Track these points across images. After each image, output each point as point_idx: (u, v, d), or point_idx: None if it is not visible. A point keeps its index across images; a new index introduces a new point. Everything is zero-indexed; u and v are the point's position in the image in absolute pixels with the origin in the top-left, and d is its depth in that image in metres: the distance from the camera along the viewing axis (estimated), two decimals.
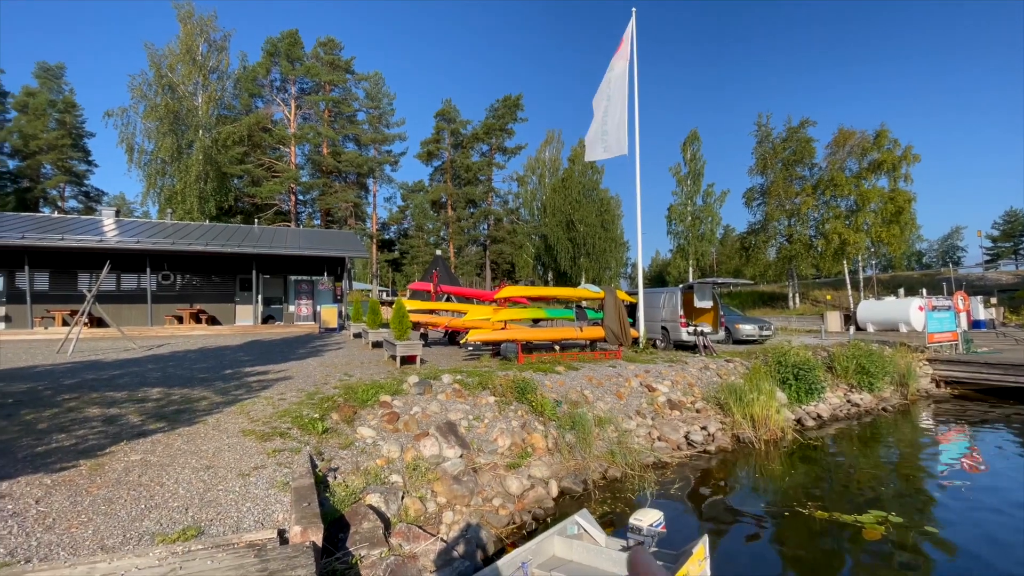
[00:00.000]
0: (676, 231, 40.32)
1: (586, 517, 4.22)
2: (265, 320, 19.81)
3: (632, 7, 13.61)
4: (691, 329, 13.11)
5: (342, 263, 20.37)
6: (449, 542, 4.27)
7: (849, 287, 33.10)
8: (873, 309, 21.26)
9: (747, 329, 15.38)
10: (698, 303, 13.92)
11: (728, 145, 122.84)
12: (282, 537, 3.22)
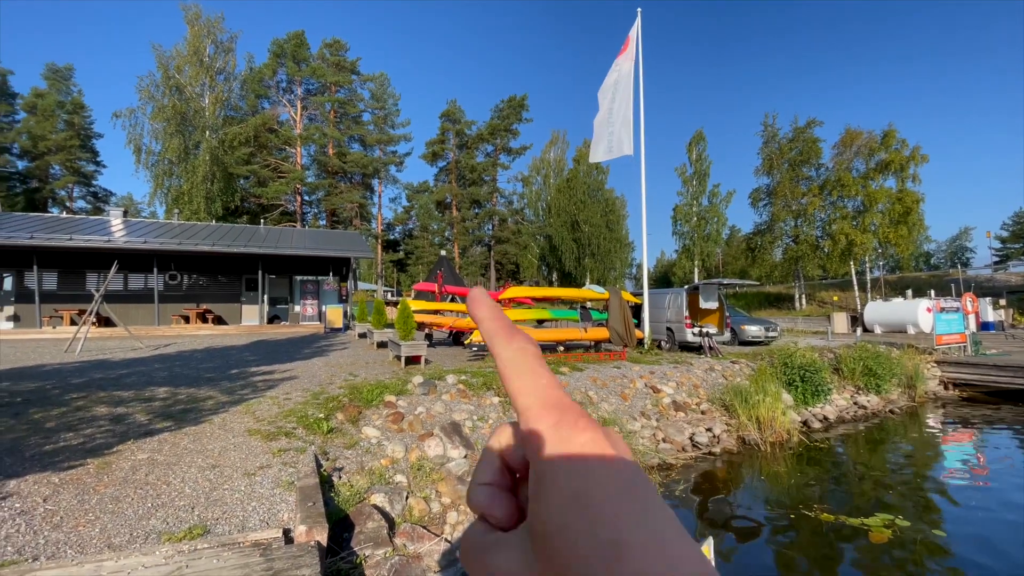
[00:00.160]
0: (681, 231, 40.11)
1: None
2: (271, 320, 19.91)
3: (638, 7, 13.56)
4: (696, 330, 13.05)
5: (347, 263, 20.45)
6: (453, 542, 4.27)
7: (856, 288, 32.81)
8: (880, 310, 21.11)
9: (753, 330, 15.31)
10: (703, 304, 13.86)
11: (734, 145, 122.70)
12: (287, 536, 3.23)
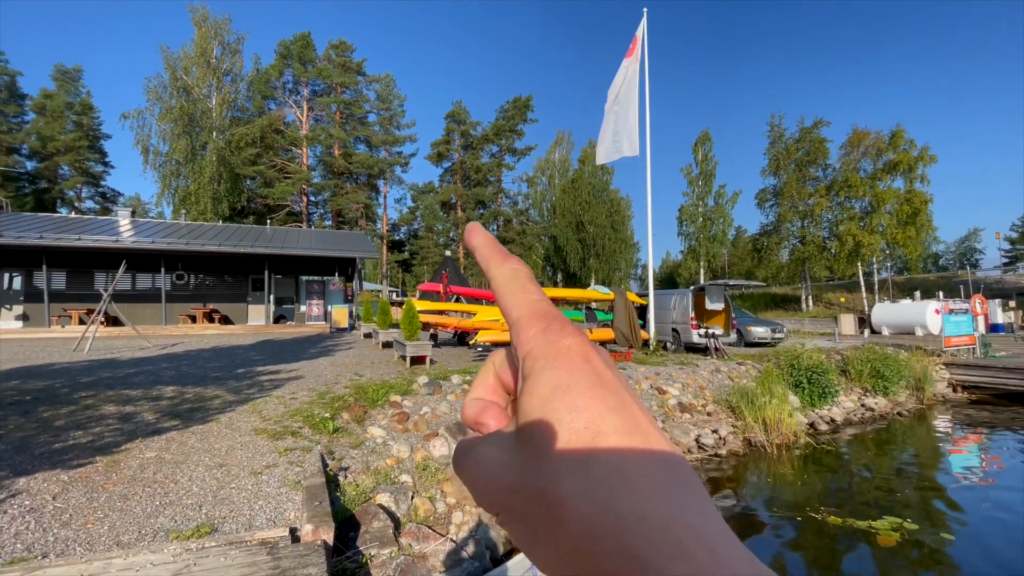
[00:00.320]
0: (687, 232, 39.99)
1: None
2: (277, 320, 20.01)
3: (644, 8, 13.53)
4: (702, 331, 12.98)
5: (353, 264, 20.52)
6: (459, 542, 4.27)
7: (864, 289, 32.56)
8: (888, 312, 20.93)
9: (759, 331, 15.22)
10: (709, 305, 13.80)
11: (740, 146, 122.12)
12: (294, 535, 3.24)
